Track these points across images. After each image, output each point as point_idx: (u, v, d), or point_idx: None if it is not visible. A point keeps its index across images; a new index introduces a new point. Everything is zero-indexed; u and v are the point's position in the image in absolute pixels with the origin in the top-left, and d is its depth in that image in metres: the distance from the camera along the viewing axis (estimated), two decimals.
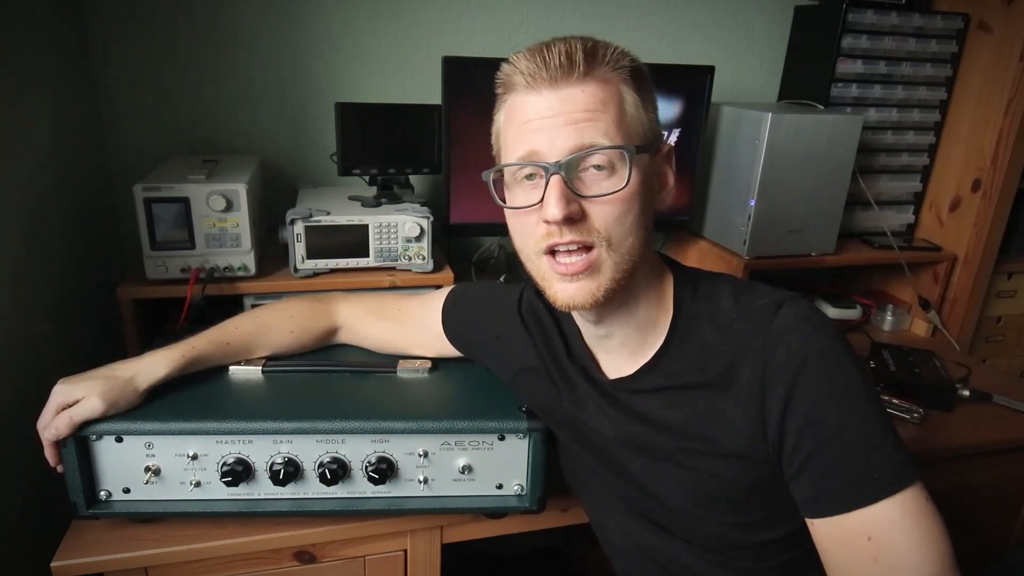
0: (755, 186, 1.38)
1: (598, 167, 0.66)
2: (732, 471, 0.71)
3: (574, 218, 0.65)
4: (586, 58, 0.65)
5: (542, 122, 0.66)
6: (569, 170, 0.65)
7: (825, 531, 0.66)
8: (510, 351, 0.89)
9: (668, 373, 0.74)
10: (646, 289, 0.74)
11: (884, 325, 1.69)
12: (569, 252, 0.67)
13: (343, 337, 1.03)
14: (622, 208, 0.66)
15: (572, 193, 0.65)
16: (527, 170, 0.68)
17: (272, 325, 0.97)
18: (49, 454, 0.81)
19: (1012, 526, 1.37)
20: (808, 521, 0.68)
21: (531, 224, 0.68)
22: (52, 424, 0.78)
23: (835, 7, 1.49)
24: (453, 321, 0.96)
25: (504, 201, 0.72)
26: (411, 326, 1.00)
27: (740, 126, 1.42)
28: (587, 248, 0.67)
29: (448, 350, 0.98)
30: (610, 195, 0.66)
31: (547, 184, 0.65)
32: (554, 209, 0.64)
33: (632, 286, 0.72)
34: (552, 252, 0.68)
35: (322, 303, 1.02)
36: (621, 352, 0.78)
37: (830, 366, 0.66)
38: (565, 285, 0.68)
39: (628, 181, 0.66)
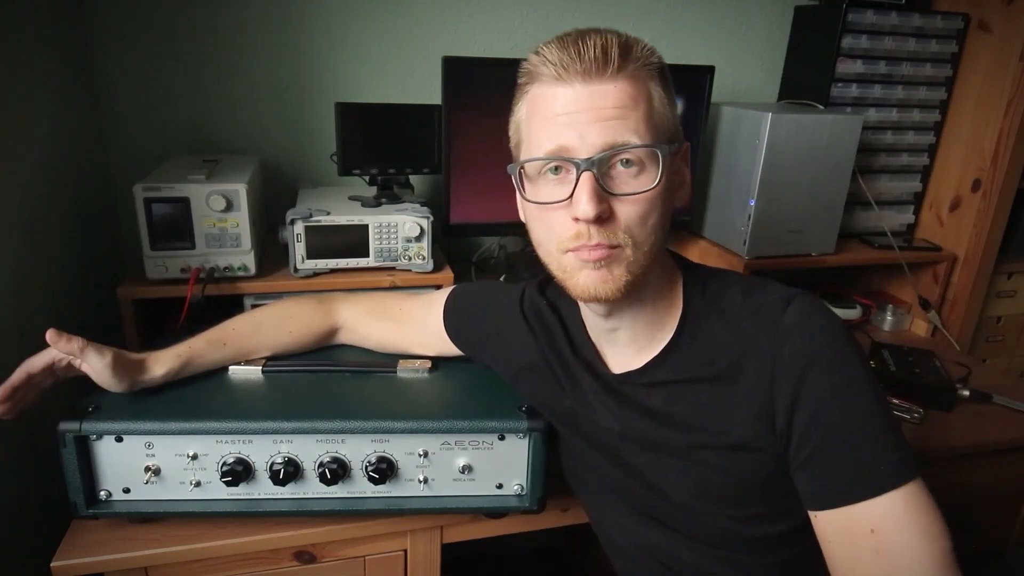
0: (755, 186, 1.38)
1: (627, 165, 0.65)
2: (737, 464, 0.71)
3: (603, 216, 0.65)
4: (621, 53, 0.64)
5: (571, 117, 0.64)
6: (600, 167, 0.64)
7: (828, 524, 0.66)
8: (512, 349, 0.89)
9: (676, 368, 0.74)
10: (657, 285, 0.75)
11: (884, 325, 1.69)
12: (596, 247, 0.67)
13: (343, 337, 1.03)
14: (648, 207, 0.66)
15: (603, 191, 0.64)
16: (553, 164, 0.67)
17: (272, 325, 0.97)
18: (12, 379, 0.79)
19: (1012, 526, 1.37)
20: (811, 514, 0.68)
21: (557, 220, 0.67)
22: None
23: (835, 7, 1.49)
24: (454, 320, 0.96)
25: (526, 194, 0.71)
26: (412, 326, 1.00)
27: (740, 126, 1.42)
28: (612, 248, 0.66)
29: (449, 349, 0.98)
30: (640, 194, 0.65)
31: (577, 181, 0.64)
32: (586, 207, 0.63)
33: (645, 282, 0.71)
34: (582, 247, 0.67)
35: (322, 303, 1.02)
36: (629, 347, 0.78)
37: (837, 363, 0.66)
38: (590, 273, 0.67)
39: (659, 180, 0.65)
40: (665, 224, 0.70)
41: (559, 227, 0.67)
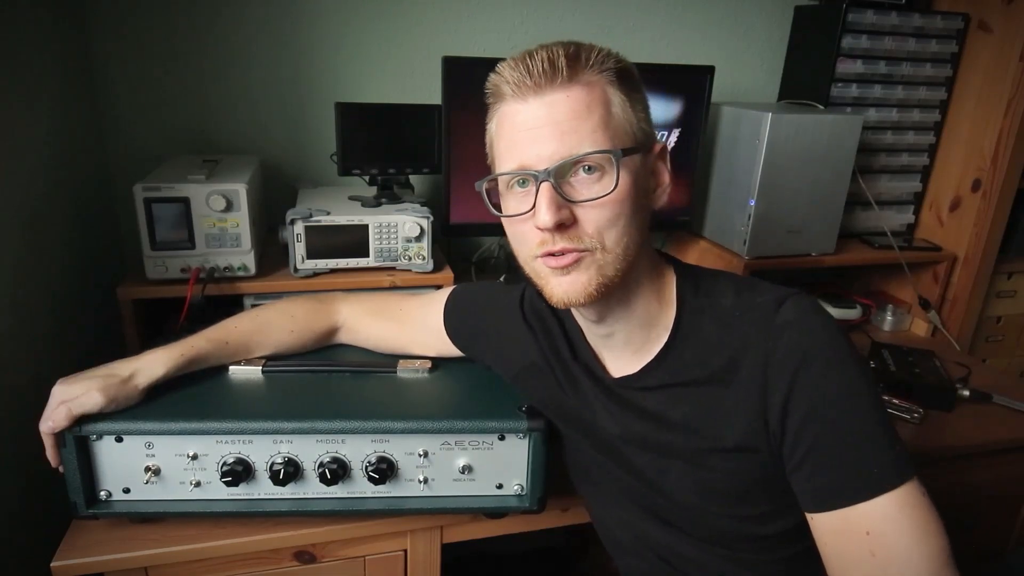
0: (755, 186, 1.38)
1: (588, 171, 0.66)
2: (736, 465, 0.71)
3: (565, 223, 0.66)
4: (568, 63, 0.65)
5: (529, 132, 0.66)
6: (558, 176, 0.66)
7: (824, 525, 0.66)
8: (513, 350, 0.89)
9: (672, 370, 0.75)
10: (646, 287, 0.75)
11: (884, 325, 1.69)
12: (563, 254, 0.68)
13: (343, 337, 1.03)
14: (613, 211, 0.67)
15: (562, 199, 0.66)
16: (518, 178, 0.68)
17: (272, 324, 0.97)
18: (50, 453, 0.81)
19: (1012, 526, 1.37)
20: (808, 515, 0.68)
21: (526, 231, 0.69)
22: (50, 416, 0.78)
23: (835, 7, 1.49)
24: (455, 320, 0.96)
25: (498, 209, 0.73)
26: (412, 326, 1.00)
27: (740, 126, 1.42)
28: (580, 252, 0.67)
29: (449, 350, 0.98)
30: (599, 199, 0.66)
31: (537, 191, 0.66)
32: (545, 216, 0.65)
33: (631, 284, 0.72)
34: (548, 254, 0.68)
35: (322, 303, 1.02)
36: (625, 350, 0.78)
37: (831, 362, 0.66)
38: (559, 280, 0.68)
39: (616, 184, 0.66)
40: (639, 225, 0.70)
41: (529, 237, 0.69)
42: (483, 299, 0.96)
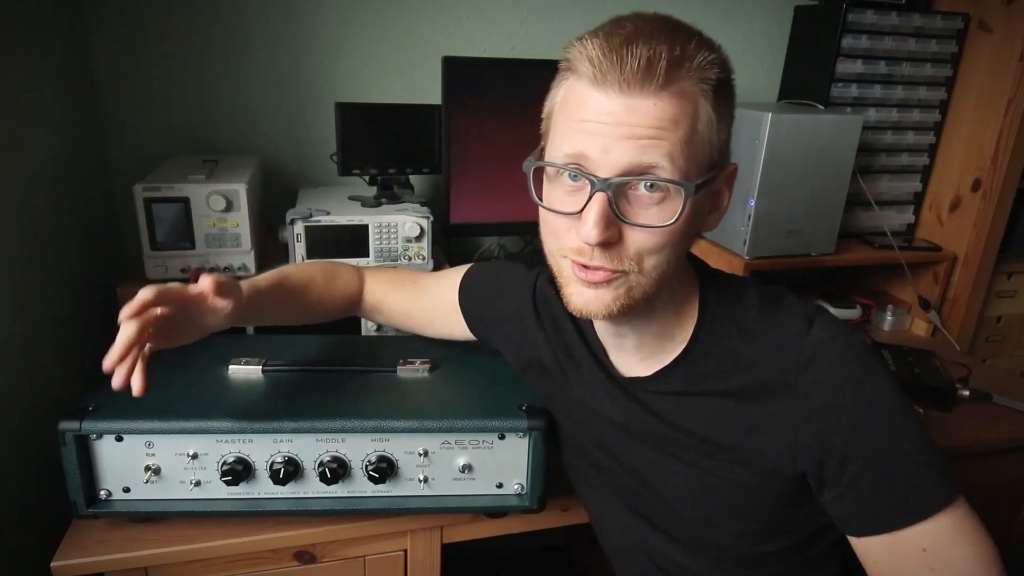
0: (755, 186, 1.38)
1: (649, 188, 0.60)
2: (747, 482, 0.70)
3: (610, 241, 0.61)
4: (668, 68, 0.57)
5: (600, 126, 0.59)
6: (617, 190, 0.60)
7: (874, 547, 0.65)
8: (521, 337, 0.89)
9: (688, 378, 0.72)
10: (669, 298, 0.71)
11: (884, 325, 1.69)
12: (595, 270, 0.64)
13: (363, 306, 0.99)
14: (662, 239, 0.62)
15: (614, 216, 0.60)
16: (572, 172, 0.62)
17: (320, 282, 0.93)
18: (122, 352, 0.67)
19: (1012, 526, 1.37)
20: (852, 540, 0.67)
21: (563, 228, 0.64)
22: (197, 285, 0.72)
23: (835, 7, 1.49)
24: (469, 298, 0.95)
25: (541, 192, 0.66)
26: (428, 297, 0.98)
27: (740, 126, 1.41)
28: (614, 272, 0.63)
29: (458, 328, 0.96)
30: (656, 228, 0.61)
31: (590, 199, 0.60)
32: (591, 231, 0.59)
33: (654, 300, 0.68)
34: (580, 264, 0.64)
35: (344, 267, 0.99)
36: (636, 354, 0.76)
37: (869, 385, 0.64)
38: (582, 290, 0.65)
39: (678, 218, 0.60)
40: (680, 254, 0.66)
41: (565, 237, 0.64)
42: (498, 281, 0.94)
